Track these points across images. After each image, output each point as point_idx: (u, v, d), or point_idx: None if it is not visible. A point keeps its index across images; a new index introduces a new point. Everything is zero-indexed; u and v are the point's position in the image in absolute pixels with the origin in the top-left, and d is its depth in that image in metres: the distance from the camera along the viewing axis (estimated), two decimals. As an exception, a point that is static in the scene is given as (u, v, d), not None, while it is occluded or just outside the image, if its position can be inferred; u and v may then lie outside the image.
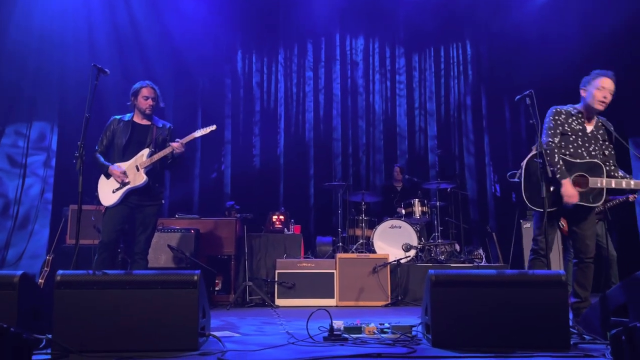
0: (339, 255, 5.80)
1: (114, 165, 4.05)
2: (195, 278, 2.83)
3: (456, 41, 8.66)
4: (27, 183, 6.50)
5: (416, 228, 6.43)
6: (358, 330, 3.19)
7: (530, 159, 3.59)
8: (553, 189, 3.48)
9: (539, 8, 7.60)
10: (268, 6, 8.23)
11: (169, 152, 4.07)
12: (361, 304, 5.57)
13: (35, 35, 6.65)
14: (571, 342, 2.81)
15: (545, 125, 3.62)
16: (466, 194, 7.96)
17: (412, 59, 8.63)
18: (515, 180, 3.64)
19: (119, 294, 2.76)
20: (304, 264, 5.75)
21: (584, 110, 3.62)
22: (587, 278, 3.53)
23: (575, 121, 3.61)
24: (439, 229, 6.72)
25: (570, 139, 3.58)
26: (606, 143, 3.65)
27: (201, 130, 4.20)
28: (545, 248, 3.37)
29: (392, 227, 6.40)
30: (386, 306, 5.54)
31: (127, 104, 4.24)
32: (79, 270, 2.93)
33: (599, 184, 3.46)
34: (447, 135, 8.45)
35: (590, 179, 3.48)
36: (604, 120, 3.69)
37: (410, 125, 8.50)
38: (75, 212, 3.41)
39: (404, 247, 6.21)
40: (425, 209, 6.72)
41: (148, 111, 4.18)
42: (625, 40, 6.73)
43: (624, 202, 5.27)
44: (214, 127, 4.23)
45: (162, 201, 4.27)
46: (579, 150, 3.57)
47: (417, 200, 6.72)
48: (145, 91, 4.16)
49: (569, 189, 3.42)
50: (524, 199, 3.54)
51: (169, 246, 5.38)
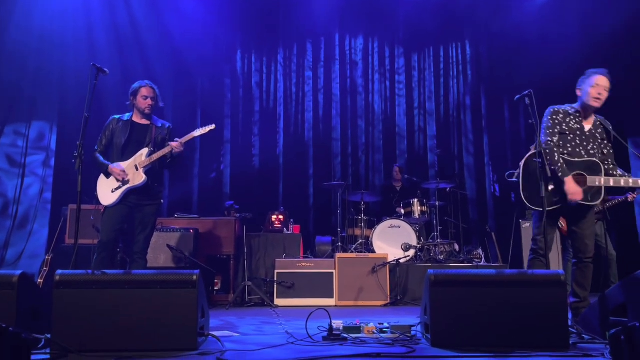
0: (338, 255, 5.80)
1: (114, 163, 4.05)
2: (195, 278, 2.83)
3: (456, 41, 8.66)
4: (26, 183, 6.50)
5: (415, 228, 6.43)
6: (357, 330, 3.19)
7: (529, 158, 3.59)
8: (552, 188, 3.48)
9: (538, 8, 7.60)
10: (268, 6, 8.22)
11: (168, 151, 4.07)
12: (360, 303, 5.57)
13: (35, 35, 6.64)
14: (570, 342, 2.81)
15: (544, 125, 3.63)
16: (465, 193, 7.97)
17: (412, 58, 8.63)
18: (513, 180, 3.65)
19: (118, 294, 2.76)
20: (303, 264, 5.75)
21: (581, 109, 3.64)
22: (586, 278, 3.54)
23: (573, 120, 3.62)
24: (438, 228, 6.72)
25: (569, 138, 3.59)
26: (605, 142, 3.66)
27: (200, 129, 4.21)
28: (545, 248, 3.37)
29: (392, 226, 6.40)
30: (385, 306, 5.54)
31: (127, 103, 4.24)
32: (78, 270, 2.93)
33: (597, 183, 3.46)
34: (446, 135, 8.45)
35: (588, 177, 3.48)
36: (602, 119, 3.70)
37: (410, 125, 8.50)
38: (75, 211, 3.42)
39: (403, 247, 6.20)
40: (424, 208, 6.72)
41: (147, 111, 4.18)
42: (625, 40, 6.73)
43: (623, 202, 5.28)
44: (213, 127, 4.23)
45: (161, 201, 4.27)
46: (577, 149, 3.58)
47: (416, 200, 6.73)
48: (144, 91, 4.16)
49: (572, 186, 3.43)
50: (522, 199, 3.54)
51: (168, 246, 5.38)
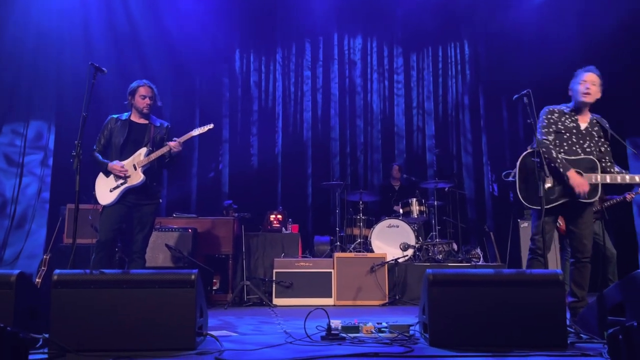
0: (336, 255, 5.80)
1: (113, 161, 4.05)
2: (193, 277, 2.83)
3: (454, 41, 8.65)
4: (24, 182, 6.48)
5: (414, 227, 6.43)
6: (356, 329, 3.19)
7: (525, 157, 3.60)
8: (549, 186, 3.49)
9: (537, 8, 7.60)
10: (266, 5, 8.21)
11: (166, 151, 4.06)
12: (359, 303, 5.57)
13: (32, 34, 6.63)
14: (568, 342, 2.82)
15: (539, 125, 3.68)
16: (464, 193, 7.97)
17: (410, 58, 8.62)
18: (510, 179, 3.66)
19: (116, 293, 2.76)
20: (301, 263, 5.75)
21: (575, 108, 3.70)
22: (584, 277, 3.55)
23: (569, 119, 3.66)
24: (437, 228, 6.72)
25: (565, 136, 3.62)
26: (602, 140, 3.68)
27: (198, 129, 4.21)
28: (543, 247, 3.38)
29: (390, 226, 6.40)
30: (384, 305, 5.54)
31: (125, 103, 4.24)
32: (76, 270, 2.92)
33: (593, 180, 3.48)
34: (444, 135, 8.45)
35: (584, 175, 3.50)
36: (598, 117, 3.73)
37: (408, 125, 8.49)
38: (73, 211, 3.41)
39: (401, 247, 6.21)
40: (422, 208, 6.72)
41: (145, 110, 4.18)
42: (624, 40, 6.73)
43: (621, 201, 5.28)
44: (211, 126, 4.24)
45: (160, 200, 4.28)
46: (573, 148, 3.61)
47: (414, 199, 6.73)
48: (142, 90, 4.15)
49: (576, 178, 3.44)
50: (519, 198, 3.55)
51: (167, 245, 5.37)
